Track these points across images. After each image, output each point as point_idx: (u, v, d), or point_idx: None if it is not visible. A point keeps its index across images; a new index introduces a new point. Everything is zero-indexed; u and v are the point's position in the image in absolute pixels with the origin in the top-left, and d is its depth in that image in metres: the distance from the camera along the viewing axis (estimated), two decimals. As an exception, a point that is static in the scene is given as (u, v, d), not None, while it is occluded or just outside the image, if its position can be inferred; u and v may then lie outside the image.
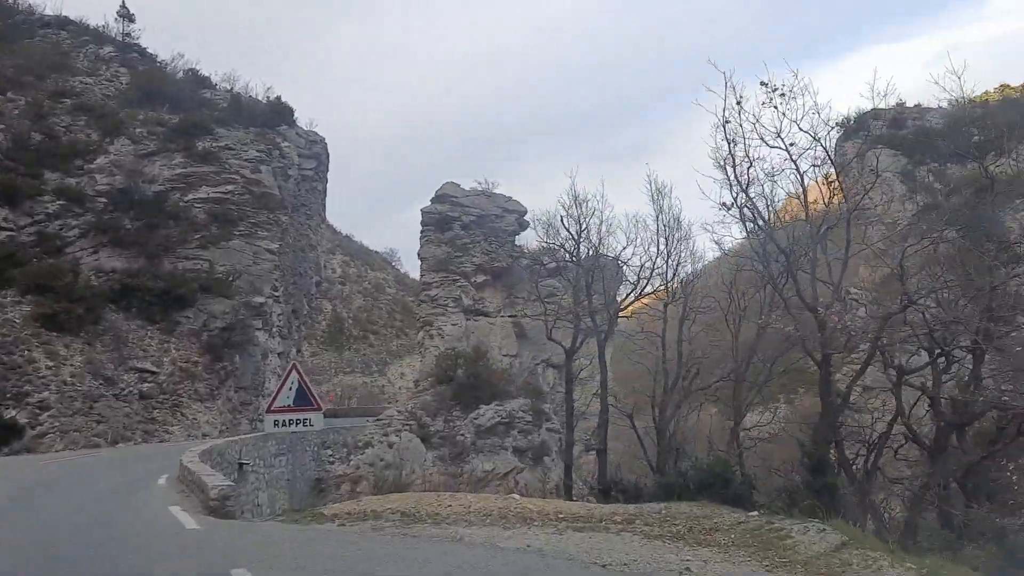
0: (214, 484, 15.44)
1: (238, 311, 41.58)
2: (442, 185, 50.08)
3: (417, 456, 35.93)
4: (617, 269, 27.78)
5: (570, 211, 32.65)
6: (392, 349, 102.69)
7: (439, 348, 45.53)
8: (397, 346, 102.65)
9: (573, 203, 32.45)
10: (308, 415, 15.92)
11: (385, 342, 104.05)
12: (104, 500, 16.34)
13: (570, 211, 32.65)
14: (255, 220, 44.88)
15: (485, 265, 48.70)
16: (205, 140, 45.71)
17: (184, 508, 15.17)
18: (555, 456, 39.48)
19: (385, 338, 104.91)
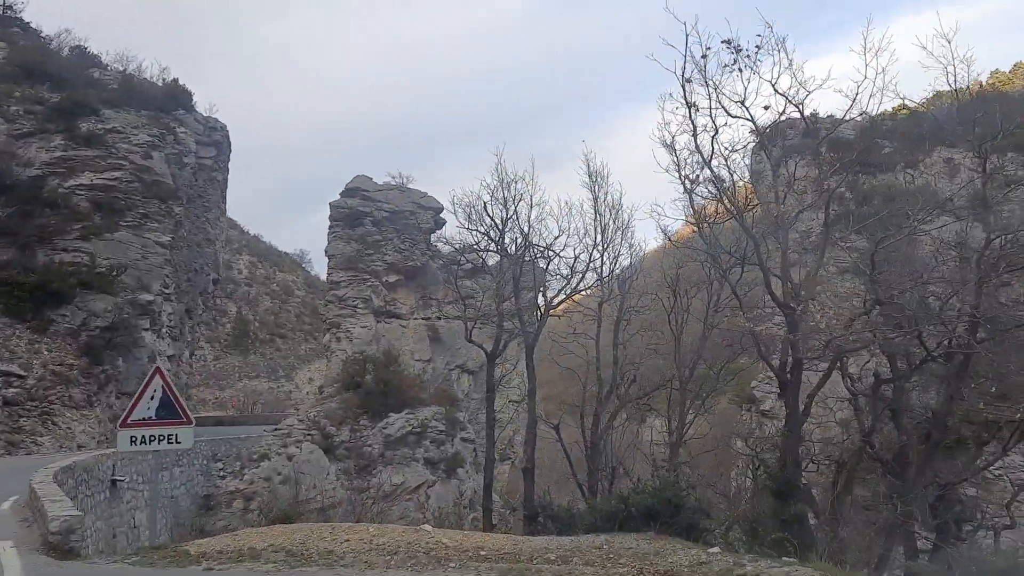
0: (56, 514, 12.53)
1: (123, 309, 37.68)
2: (353, 178, 47.19)
3: (319, 470, 33.00)
4: (548, 262, 25.21)
5: (495, 194, 28.34)
6: (300, 353, 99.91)
7: (347, 352, 42.61)
8: (305, 350, 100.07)
9: (499, 185, 28.12)
10: (174, 430, 13.11)
11: (293, 346, 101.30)
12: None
13: (495, 194, 28.34)
14: (145, 210, 40.99)
15: (398, 264, 45.99)
16: (90, 121, 41.55)
17: (17, 544, 12.28)
18: (469, 468, 37.11)
19: (293, 342, 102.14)
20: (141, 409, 13.02)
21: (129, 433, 12.93)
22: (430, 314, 46.67)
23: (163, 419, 13.06)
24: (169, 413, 13.09)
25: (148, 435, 12.94)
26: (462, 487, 35.78)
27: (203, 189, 47.86)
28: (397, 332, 45.22)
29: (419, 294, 47.12)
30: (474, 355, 49.01)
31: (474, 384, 48.24)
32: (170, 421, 13.09)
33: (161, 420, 13.04)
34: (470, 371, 48.51)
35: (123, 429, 12.96)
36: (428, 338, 46.20)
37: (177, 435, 13.12)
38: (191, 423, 13.31)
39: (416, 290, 47.10)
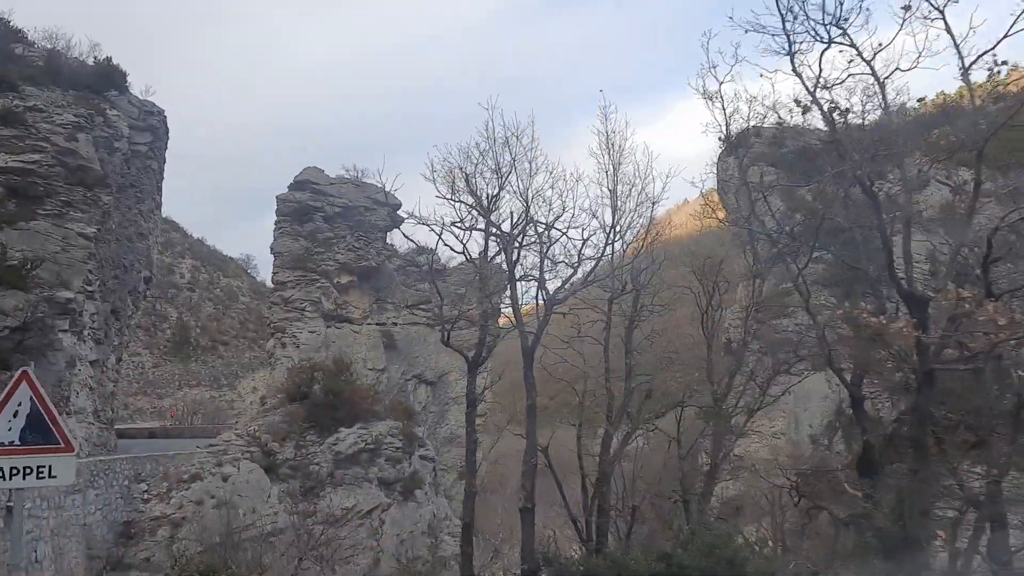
0: None
1: (37, 307, 33.17)
2: (303, 170, 43.38)
3: (259, 492, 29.09)
4: (548, 245, 21.16)
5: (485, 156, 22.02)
6: (244, 361, 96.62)
7: (293, 359, 38.71)
8: (250, 358, 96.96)
9: (491, 146, 21.69)
10: (47, 460, 9.43)
11: (237, 354, 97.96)
12: None
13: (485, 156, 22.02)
14: (67, 198, 36.51)
15: (351, 264, 42.27)
16: (7, 98, 36.96)
17: None
18: (428, 489, 33.48)
19: (237, 349, 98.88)
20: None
21: (-21, 465, 9.19)
22: (385, 319, 42.94)
23: (31, 445, 9.38)
24: (41, 436, 9.43)
25: (8, 467, 9.24)
26: (420, 511, 32.13)
27: (136, 178, 43.44)
28: (349, 338, 41.44)
29: (373, 297, 43.43)
30: (432, 364, 45.56)
31: (432, 396, 44.68)
32: (41, 448, 9.43)
33: (28, 447, 9.37)
34: (428, 381, 44.95)
35: (-30, 460, 9.21)
36: (383, 345, 42.52)
37: (51, 467, 9.43)
38: (72, 451, 9.61)
39: (370, 293, 43.41)
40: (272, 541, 27.79)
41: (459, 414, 46.53)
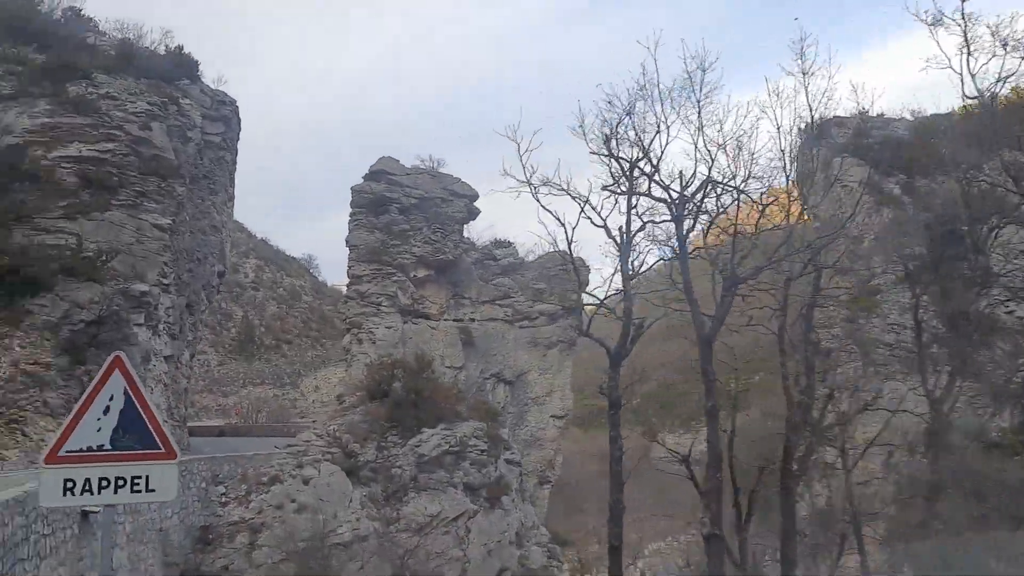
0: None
1: (112, 301, 32.10)
2: (378, 160, 41.78)
3: (340, 496, 27.33)
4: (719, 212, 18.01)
5: (646, 97, 18.32)
6: (307, 360, 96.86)
7: (369, 356, 36.98)
8: (312, 357, 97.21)
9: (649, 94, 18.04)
10: (144, 469, 7.54)
11: (299, 353, 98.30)
12: None
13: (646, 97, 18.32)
14: (142, 188, 35.46)
15: (427, 257, 40.45)
16: (80, 85, 36.12)
17: None
18: (515, 495, 31.41)
19: (300, 348, 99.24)
20: (85, 431, 7.45)
21: (61, 474, 7.33)
22: (462, 315, 41.04)
23: (125, 450, 7.48)
24: (137, 439, 7.52)
25: (97, 478, 7.35)
26: (507, 519, 30.08)
27: (209, 169, 42.34)
28: (426, 334, 39.64)
29: (450, 292, 41.55)
30: (511, 362, 43.61)
31: (511, 396, 42.68)
32: (137, 454, 7.52)
33: (122, 453, 7.47)
34: (507, 381, 42.94)
35: (52, 467, 7.34)
36: (460, 342, 40.60)
37: (148, 477, 7.52)
38: (174, 457, 7.68)
39: (447, 287, 41.57)
40: (355, 549, 25.97)
41: (539, 415, 44.57)
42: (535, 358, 43.82)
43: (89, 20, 44.42)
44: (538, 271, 44.99)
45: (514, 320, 43.38)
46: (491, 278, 43.30)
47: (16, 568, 13.07)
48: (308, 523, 25.03)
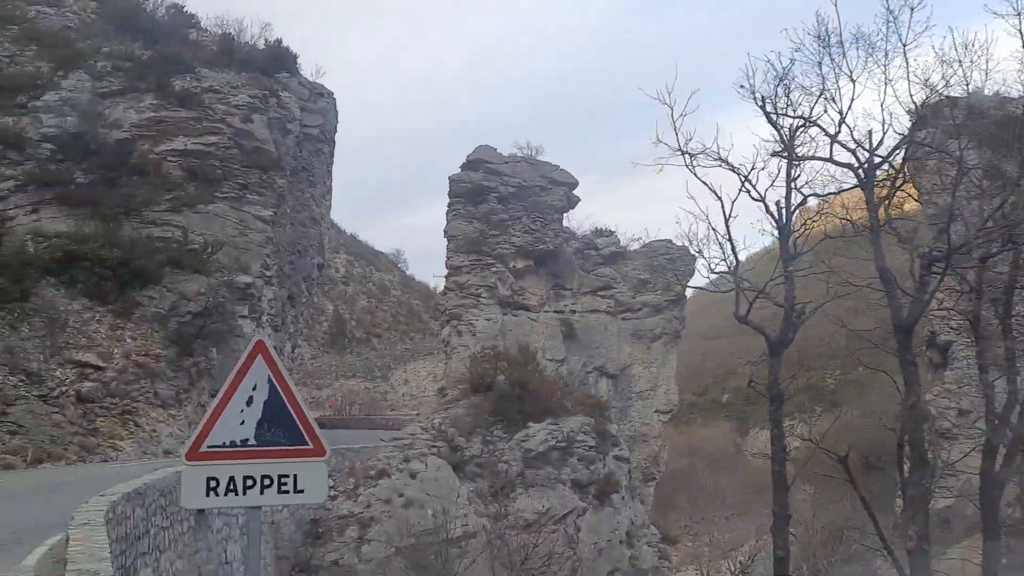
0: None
1: (217, 292, 32.22)
2: (475, 149, 40.94)
3: (448, 491, 26.62)
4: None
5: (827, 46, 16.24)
6: (396, 354, 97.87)
7: (469, 348, 36.24)
8: (401, 351, 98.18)
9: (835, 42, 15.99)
10: (292, 468, 6.67)
11: (389, 346, 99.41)
12: None
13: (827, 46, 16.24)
14: (244, 180, 35.58)
15: (527, 247, 39.48)
16: (184, 79, 36.42)
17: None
18: (625, 493, 30.16)
19: (389, 342, 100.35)
20: (227, 425, 6.62)
21: (204, 471, 6.50)
22: (563, 306, 39.94)
23: (271, 445, 6.63)
24: (284, 433, 6.65)
25: (242, 477, 6.50)
26: (617, 517, 28.90)
27: (307, 161, 42.34)
28: (526, 326, 38.71)
29: (550, 283, 40.51)
30: (614, 355, 42.36)
31: (614, 390, 41.40)
32: (284, 450, 6.65)
33: (267, 448, 6.61)
34: (610, 374, 41.64)
35: (193, 464, 6.51)
36: (561, 334, 39.51)
37: (296, 477, 6.64)
38: (324, 454, 6.78)
39: (547, 278, 40.54)
40: (463, 546, 25.18)
41: (644, 410, 43.22)
42: (639, 351, 42.49)
43: (191, 16, 45.07)
44: (642, 260, 43.64)
45: (616, 312, 42.10)
46: (592, 268, 42.12)
47: (137, 562, 12.60)
48: (417, 518, 24.34)
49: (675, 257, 43.46)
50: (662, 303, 43.09)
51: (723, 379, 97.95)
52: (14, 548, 11.27)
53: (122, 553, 11.18)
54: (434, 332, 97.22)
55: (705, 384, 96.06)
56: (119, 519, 11.68)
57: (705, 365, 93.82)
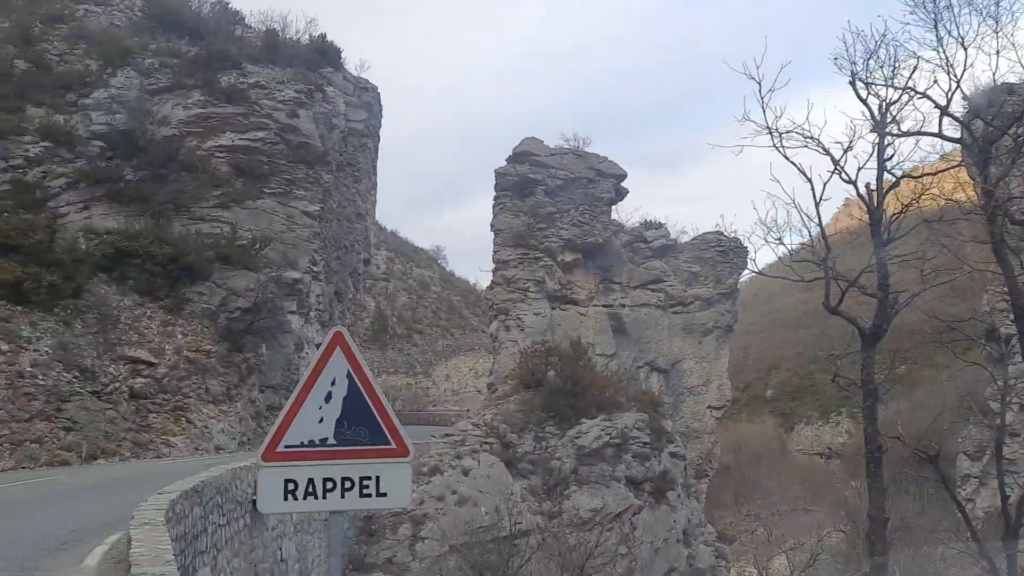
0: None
1: (266, 288, 32.12)
2: (521, 141, 40.34)
3: (501, 488, 26.11)
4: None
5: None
6: (437, 349, 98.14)
7: (518, 343, 35.70)
8: (442, 346, 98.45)
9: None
10: (374, 469, 6.18)
11: (430, 342, 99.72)
12: None
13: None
14: (291, 176, 35.51)
15: (575, 241, 38.81)
16: (231, 75, 36.42)
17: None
18: (680, 490, 29.43)
19: (430, 338, 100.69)
20: (304, 423, 6.13)
21: (281, 473, 6.02)
22: (612, 300, 39.23)
23: (351, 445, 6.14)
24: (365, 432, 6.17)
25: (321, 479, 6.02)
26: (674, 515, 28.18)
27: (352, 156, 42.17)
28: (575, 321, 38.07)
29: (599, 276, 39.80)
30: (665, 350, 41.54)
31: (665, 386, 40.59)
32: (365, 450, 6.15)
33: (348, 448, 6.12)
34: (661, 369, 40.84)
35: (270, 465, 6.03)
36: (611, 329, 38.80)
37: (379, 479, 6.14)
38: (407, 454, 6.27)
39: (596, 272, 39.84)
40: (517, 544, 24.67)
41: (695, 406, 42.38)
42: (690, 345, 41.63)
43: (236, 13, 45.17)
44: (692, 253, 42.74)
45: (667, 305, 41.27)
46: (642, 261, 41.34)
47: (196, 561, 12.29)
48: (470, 516, 23.89)
49: (727, 249, 42.55)
50: (714, 296, 42.16)
51: (766, 374, 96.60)
52: (74, 547, 11.01)
53: (181, 552, 10.85)
54: (474, 327, 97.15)
55: (748, 379, 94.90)
56: (178, 518, 11.38)
57: (747, 360, 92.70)
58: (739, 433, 77.44)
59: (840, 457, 78.31)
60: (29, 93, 33.45)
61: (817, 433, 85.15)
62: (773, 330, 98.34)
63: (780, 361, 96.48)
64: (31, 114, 32.75)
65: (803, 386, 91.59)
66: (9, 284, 25.91)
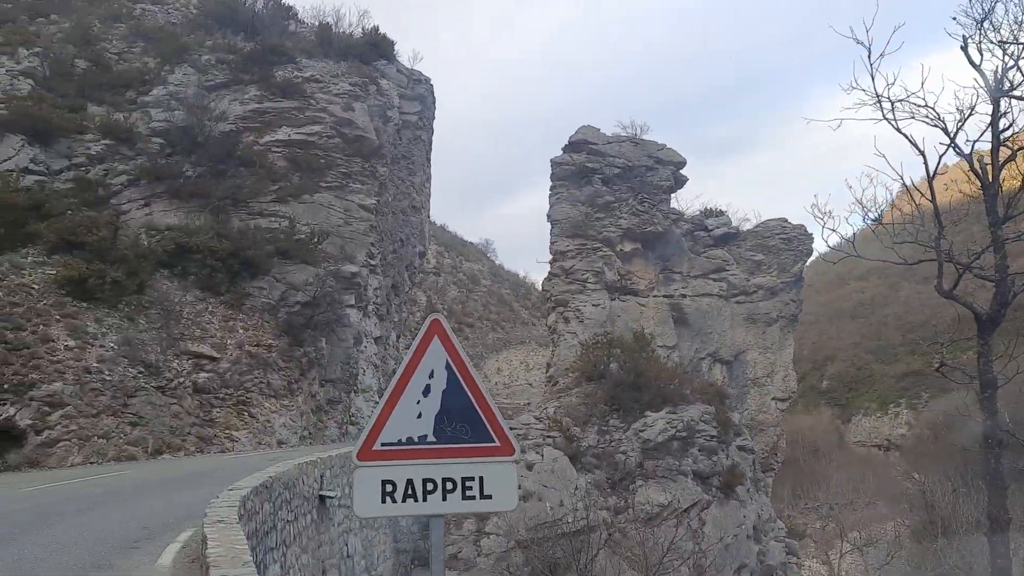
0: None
1: (325, 282, 32.00)
2: (577, 130, 39.65)
3: (565, 482, 25.56)
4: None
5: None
6: (488, 343, 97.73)
7: (577, 335, 35.07)
8: (493, 340, 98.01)
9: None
10: (477, 468, 5.67)
11: (481, 335, 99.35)
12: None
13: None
14: (347, 169, 35.32)
15: (634, 230, 38.02)
16: (286, 69, 36.41)
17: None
18: (750, 485, 28.56)
19: (481, 331, 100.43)
20: (402, 418, 5.65)
21: (378, 474, 5.54)
22: (672, 290, 38.36)
23: (452, 444, 5.64)
24: (468, 429, 5.67)
25: (421, 480, 5.54)
26: (743, 511, 27.34)
27: (407, 149, 41.85)
28: (635, 311, 37.30)
29: (659, 266, 38.95)
30: (728, 341, 40.54)
31: (728, 377, 39.59)
32: (468, 448, 5.66)
33: (449, 446, 5.63)
34: (724, 360, 39.87)
35: (367, 464, 5.56)
36: (672, 319, 37.93)
37: (483, 480, 5.64)
38: (512, 453, 5.75)
39: (655, 261, 39.00)
40: (583, 539, 24.11)
41: (760, 398, 41.29)
42: (753, 336, 40.53)
43: (289, 8, 45.20)
44: (755, 241, 41.57)
45: (729, 295, 40.21)
46: (703, 250, 40.30)
47: (266, 558, 12.02)
48: (535, 511, 23.40)
49: (791, 236, 41.31)
50: (778, 285, 40.95)
51: (821, 365, 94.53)
52: (146, 544, 10.84)
53: (252, 550, 10.56)
54: (525, 321, 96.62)
55: (804, 370, 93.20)
56: (249, 515, 11.11)
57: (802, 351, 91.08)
58: (796, 425, 75.93)
59: (900, 449, 76.43)
60: (90, 92, 33.81)
61: (875, 424, 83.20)
62: (828, 320, 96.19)
63: (836, 352, 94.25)
64: (92, 112, 33.08)
65: (860, 377, 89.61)
66: (74, 281, 26.13)
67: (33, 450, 22.21)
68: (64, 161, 31.61)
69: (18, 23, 36.28)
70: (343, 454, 20.10)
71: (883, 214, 13.21)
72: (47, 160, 31.14)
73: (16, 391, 22.50)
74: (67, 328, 25.13)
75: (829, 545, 37.40)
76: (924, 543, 34.30)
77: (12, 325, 23.90)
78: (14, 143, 30.42)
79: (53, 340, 24.47)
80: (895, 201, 14.60)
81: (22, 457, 22.09)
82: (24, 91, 32.62)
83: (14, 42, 34.96)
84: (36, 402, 22.66)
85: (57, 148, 31.46)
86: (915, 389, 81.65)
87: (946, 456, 49.40)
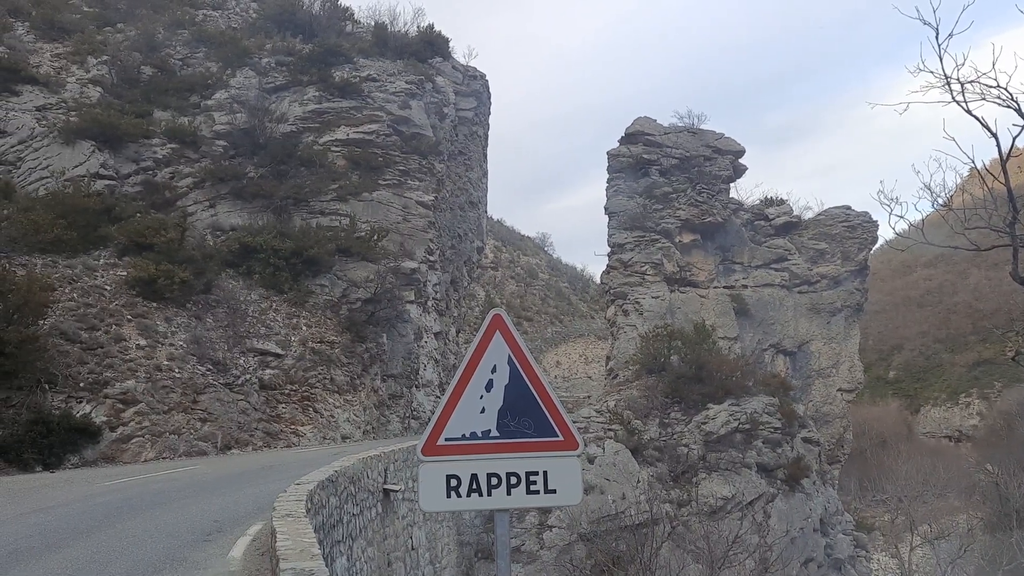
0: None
1: (385, 278, 32.39)
2: (633, 121, 39.33)
3: (627, 475, 25.45)
4: None
5: None
6: (546, 336, 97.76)
7: (637, 327, 34.85)
8: (552, 333, 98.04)
9: None
10: (541, 463, 5.69)
11: (539, 329, 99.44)
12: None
13: None
14: (405, 167, 35.69)
15: (693, 221, 37.61)
16: (344, 70, 36.93)
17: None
18: (815, 477, 28.06)
19: (539, 325, 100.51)
20: (465, 414, 5.69)
21: (443, 468, 5.60)
22: (733, 281, 37.85)
23: (515, 438, 5.66)
24: (531, 423, 5.69)
25: (485, 475, 5.58)
26: (809, 503, 26.88)
27: (463, 145, 42.08)
28: (695, 303, 36.91)
29: (719, 257, 38.48)
30: (791, 332, 39.83)
31: (792, 368, 38.93)
32: (531, 442, 5.67)
33: (512, 441, 5.65)
34: (787, 352, 39.21)
35: (431, 459, 5.61)
36: (733, 311, 37.43)
37: (546, 474, 5.66)
38: (576, 448, 5.76)
39: (715, 252, 38.54)
40: (646, 532, 23.97)
41: (825, 389, 40.52)
42: (817, 326, 39.75)
43: (345, 9, 45.84)
44: (817, 230, 40.71)
45: (792, 285, 39.50)
46: (763, 240, 39.65)
47: (333, 551, 12.22)
48: (597, 504, 23.36)
49: (855, 224, 40.34)
50: (842, 274, 40.08)
51: (888, 355, 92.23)
52: (217, 537, 11.09)
53: (320, 543, 10.76)
54: (583, 314, 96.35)
55: (869, 360, 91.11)
56: (316, 508, 11.31)
57: (868, 341, 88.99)
58: (863, 416, 74.24)
59: (972, 440, 74.25)
60: (155, 97, 34.88)
61: (945, 415, 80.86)
62: (894, 309, 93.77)
63: (903, 341, 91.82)
64: (158, 117, 34.09)
65: (928, 366, 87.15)
66: (144, 281, 26.91)
67: (108, 446, 22.94)
68: (132, 165, 32.67)
69: (87, 33, 37.54)
70: (406, 448, 20.30)
71: (951, 199, 12.76)
72: (116, 165, 32.20)
73: (91, 389, 23.30)
74: (138, 327, 25.92)
75: (898, 538, 36.56)
76: (998, 536, 33.36)
77: (87, 325, 24.79)
78: (85, 149, 31.56)
79: (125, 339, 25.27)
80: (964, 185, 14.16)
81: (98, 453, 22.84)
82: (93, 98, 33.79)
83: (83, 52, 36.23)
84: (110, 400, 23.42)
85: (125, 153, 32.53)
86: (987, 378, 79.32)
87: (1021, 447, 47.94)
